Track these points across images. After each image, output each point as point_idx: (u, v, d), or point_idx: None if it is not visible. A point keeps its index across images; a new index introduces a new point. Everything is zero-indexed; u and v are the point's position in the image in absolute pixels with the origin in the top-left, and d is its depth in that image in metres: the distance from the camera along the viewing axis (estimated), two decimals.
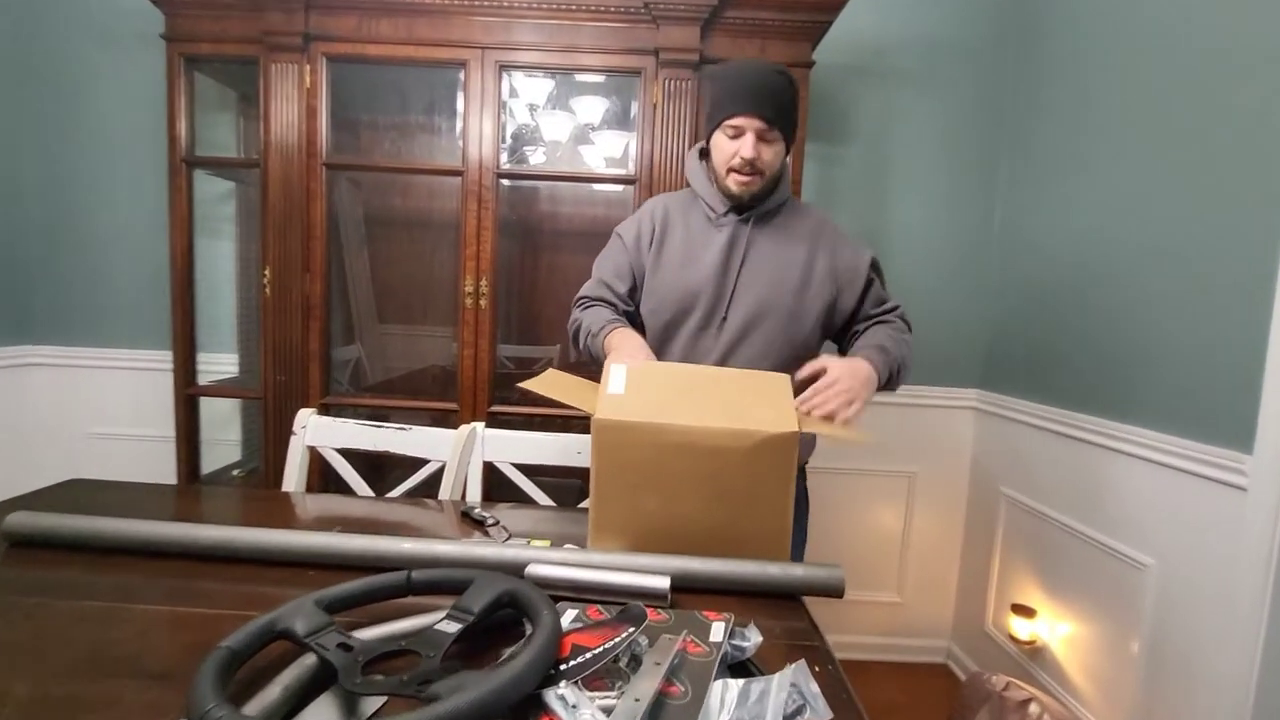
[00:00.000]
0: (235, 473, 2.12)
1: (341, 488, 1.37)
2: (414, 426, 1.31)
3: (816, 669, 0.61)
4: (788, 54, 1.64)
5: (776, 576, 0.77)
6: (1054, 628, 1.71)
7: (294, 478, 1.28)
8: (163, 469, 1.93)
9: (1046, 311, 1.81)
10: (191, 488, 1.73)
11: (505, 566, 0.76)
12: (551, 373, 1.06)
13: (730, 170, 1.14)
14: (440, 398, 1.88)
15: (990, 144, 2.04)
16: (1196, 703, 1.30)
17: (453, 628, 0.60)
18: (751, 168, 1.12)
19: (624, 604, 0.69)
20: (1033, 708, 1.49)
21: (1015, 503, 1.89)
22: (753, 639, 0.61)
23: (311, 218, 1.68)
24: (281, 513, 1.09)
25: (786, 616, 0.76)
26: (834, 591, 0.76)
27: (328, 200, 1.70)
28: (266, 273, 1.68)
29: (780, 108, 1.11)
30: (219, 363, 2.09)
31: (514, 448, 1.31)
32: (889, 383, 1.11)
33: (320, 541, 0.80)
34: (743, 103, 1.10)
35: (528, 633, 0.60)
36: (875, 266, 1.23)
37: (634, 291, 1.25)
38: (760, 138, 1.11)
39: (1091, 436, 1.59)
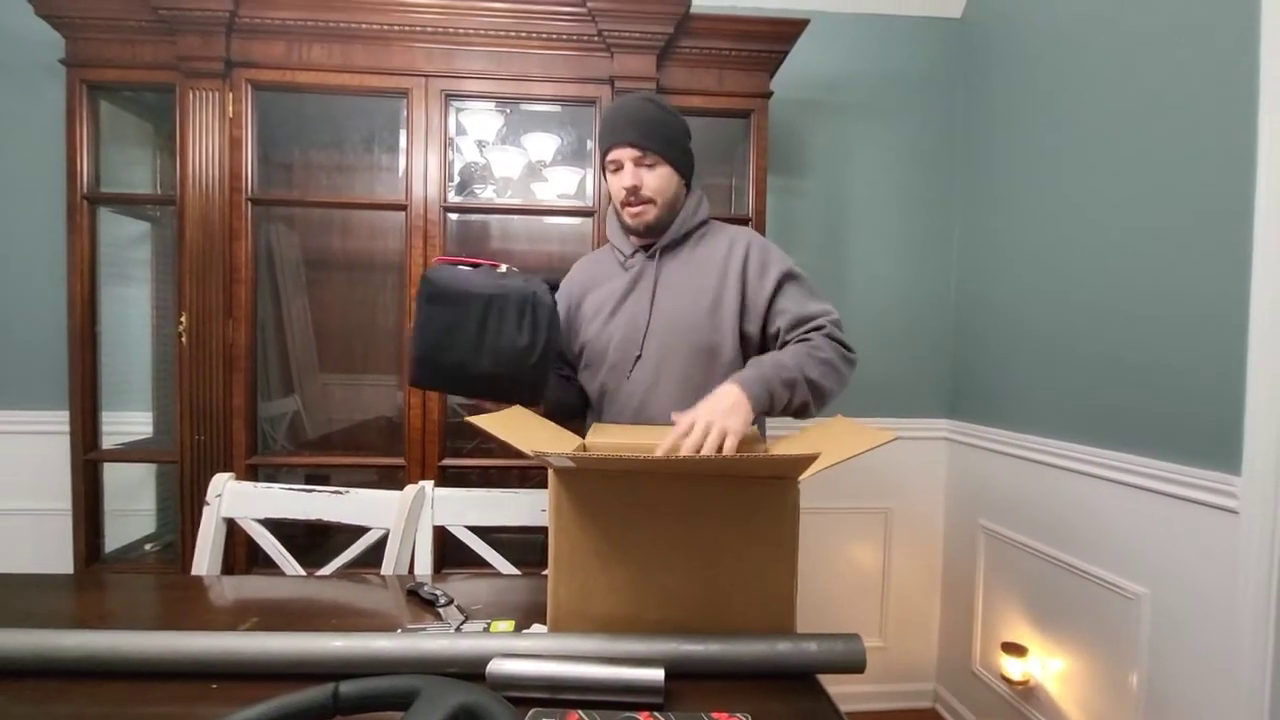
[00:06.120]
0: (148, 546, 1.88)
1: (273, 566, 1.18)
2: (351, 490, 1.15)
3: None
4: (745, 84, 1.61)
5: (788, 655, 0.65)
6: (1046, 665, 1.63)
7: (206, 557, 1.09)
8: (68, 547, 1.68)
9: (1013, 337, 1.79)
10: (86, 573, 1.49)
11: (460, 664, 0.62)
12: (514, 410, 0.93)
13: (623, 205, 1.12)
14: (386, 452, 1.71)
15: (946, 171, 2.06)
16: None
17: None
18: (636, 196, 1.09)
19: (610, 703, 0.56)
20: None
21: (994, 535, 1.83)
22: None
23: (235, 258, 1.51)
24: (188, 603, 0.91)
25: (800, 698, 0.64)
26: (854, 667, 0.65)
27: (254, 239, 1.55)
28: (183, 319, 1.50)
29: (650, 132, 1.08)
30: (130, 422, 1.86)
31: (469, 509, 1.17)
32: (794, 404, 0.98)
33: (223, 645, 0.64)
34: (610, 136, 1.10)
35: None
36: (789, 276, 1.11)
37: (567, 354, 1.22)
38: (638, 164, 1.09)
39: (1070, 463, 1.55)
